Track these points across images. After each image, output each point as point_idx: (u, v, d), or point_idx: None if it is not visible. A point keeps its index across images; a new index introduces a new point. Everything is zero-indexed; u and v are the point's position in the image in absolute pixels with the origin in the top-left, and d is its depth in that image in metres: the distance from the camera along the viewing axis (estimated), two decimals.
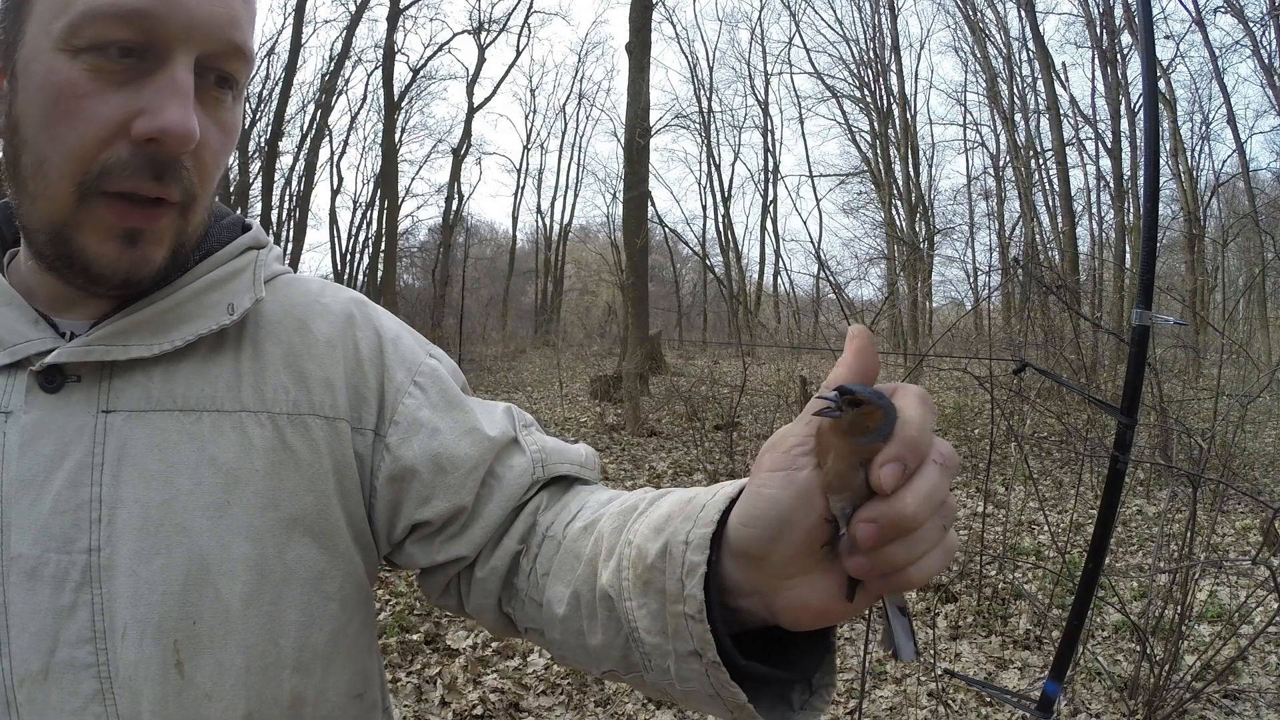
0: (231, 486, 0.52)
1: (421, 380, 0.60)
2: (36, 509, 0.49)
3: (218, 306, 0.55)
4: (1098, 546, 1.16)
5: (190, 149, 0.49)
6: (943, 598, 3.58)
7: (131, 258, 0.50)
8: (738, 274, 26.26)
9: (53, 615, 0.48)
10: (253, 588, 0.52)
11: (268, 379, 0.56)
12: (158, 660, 0.49)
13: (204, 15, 0.48)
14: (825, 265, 9.09)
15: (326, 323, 0.60)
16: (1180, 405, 5.32)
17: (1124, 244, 13.56)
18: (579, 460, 0.61)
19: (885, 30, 21.57)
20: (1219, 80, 14.25)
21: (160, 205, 0.50)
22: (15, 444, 0.50)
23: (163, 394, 0.53)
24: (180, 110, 0.47)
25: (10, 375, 0.52)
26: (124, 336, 0.52)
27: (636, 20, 11.76)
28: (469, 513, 0.57)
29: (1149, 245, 1.12)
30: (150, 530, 0.50)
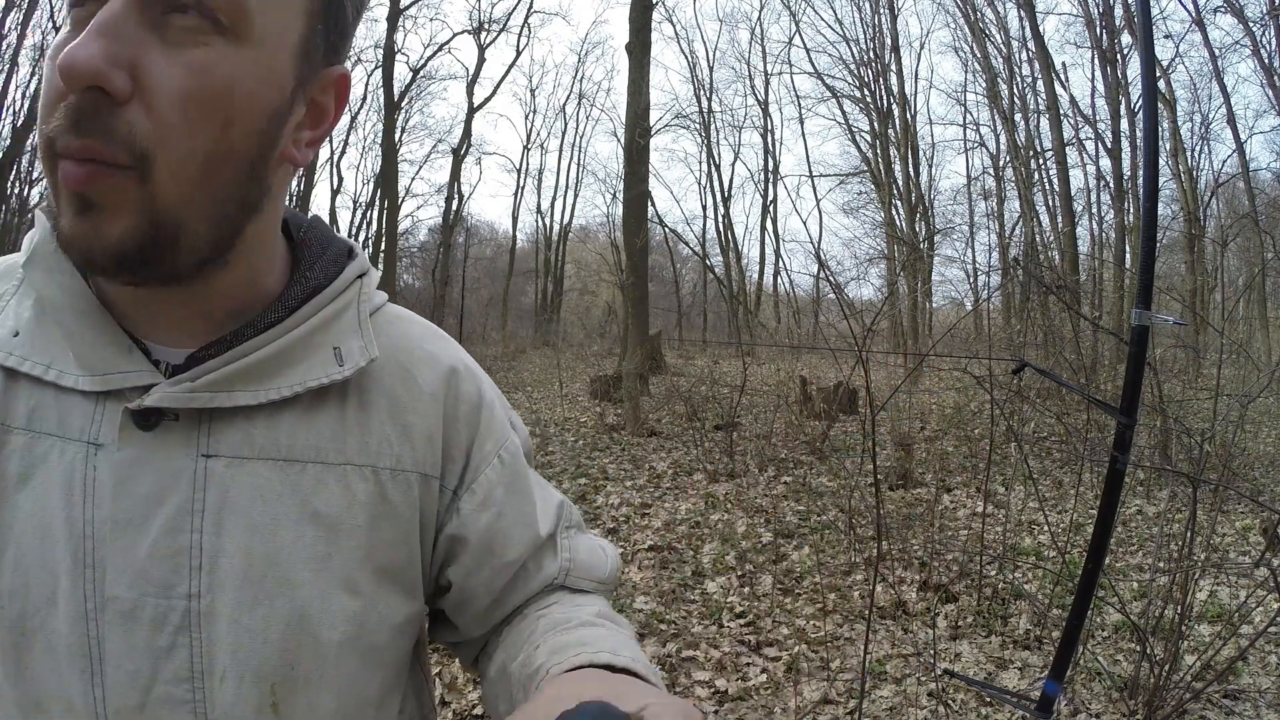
0: (333, 539, 0.52)
1: (505, 455, 0.61)
2: (133, 552, 0.48)
3: (324, 350, 0.53)
4: (1097, 546, 1.16)
5: (78, 79, 0.40)
6: (943, 598, 3.58)
7: (84, 230, 0.43)
8: (738, 274, 26.26)
9: (150, 655, 0.48)
10: (349, 636, 0.52)
11: (373, 431, 0.55)
12: (254, 701, 0.50)
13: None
14: (825, 265, 9.09)
15: (432, 373, 0.58)
16: (1180, 405, 5.32)
17: (1124, 244, 13.57)
18: (598, 578, 0.64)
19: (885, 30, 21.58)
20: (1219, 80, 14.26)
21: (100, 166, 0.42)
22: (108, 480, 0.48)
23: (266, 442, 0.51)
24: (80, 44, 0.40)
25: (98, 404, 0.49)
26: (228, 384, 0.49)
27: (636, 20, 11.76)
28: (496, 599, 0.61)
29: (1148, 245, 1.12)
30: (253, 581, 0.50)
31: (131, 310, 0.50)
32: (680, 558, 4.26)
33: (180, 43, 0.43)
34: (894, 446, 6.22)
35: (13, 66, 16.58)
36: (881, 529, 2.68)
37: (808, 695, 2.74)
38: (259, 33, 0.45)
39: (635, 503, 5.40)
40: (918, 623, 3.36)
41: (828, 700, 2.70)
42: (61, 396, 0.49)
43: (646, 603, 3.57)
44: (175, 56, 0.43)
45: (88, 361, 0.48)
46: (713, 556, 4.25)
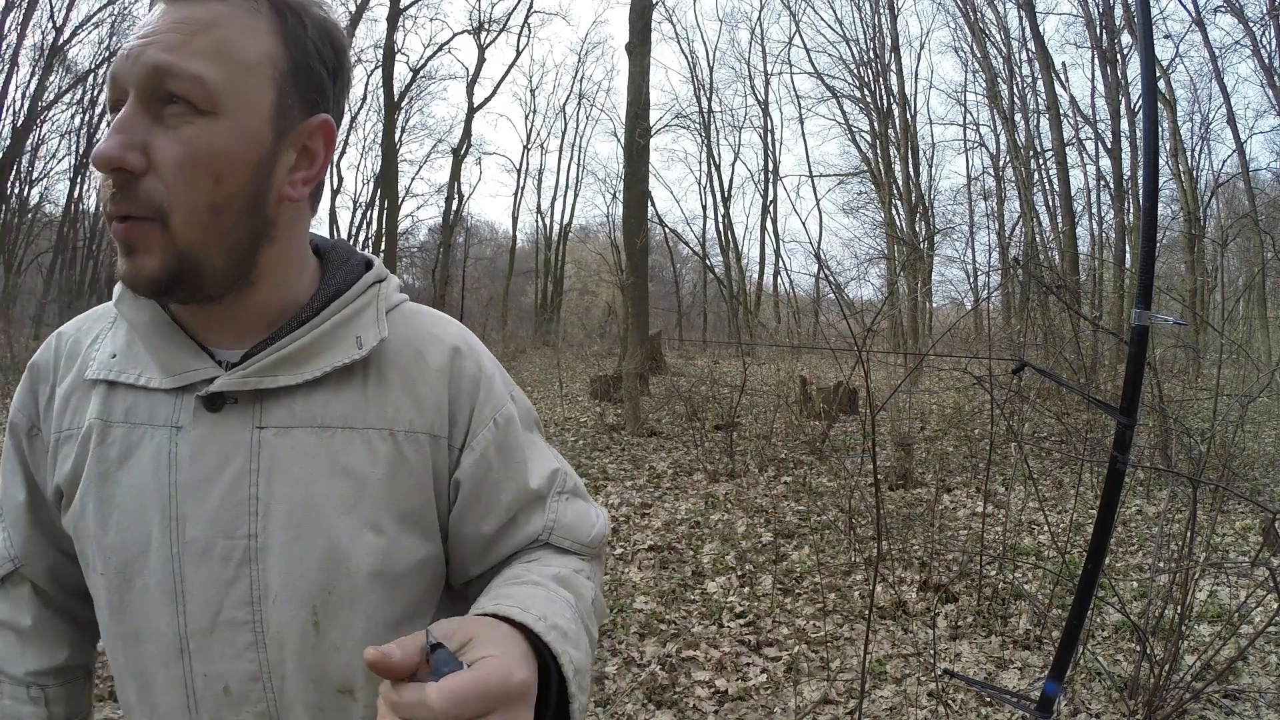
0: (359, 488, 0.64)
1: (499, 420, 0.72)
2: (206, 504, 0.62)
3: (347, 340, 0.66)
4: (1097, 546, 1.16)
5: (106, 166, 0.57)
6: (943, 598, 3.58)
7: (130, 269, 0.60)
8: (738, 274, 26.26)
9: (219, 585, 0.62)
10: (375, 568, 0.64)
11: (389, 401, 0.67)
12: (300, 620, 0.63)
13: (135, 57, 0.58)
14: (825, 265, 9.09)
15: (438, 353, 0.71)
16: (1180, 405, 5.32)
17: (1124, 244, 13.56)
18: (580, 540, 0.73)
19: (885, 30, 21.57)
20: (1219, 80, 14.26)
21: (137, 221, 0.58)
22: (187, 453, 0.63)
23: (304, 414, 0.65)
24: (103, 141, 0.57)
25: (179, 397, 0.64)
26: (273, 369, 0.63)
27: (636, 20, 11.75)
28: (486, 544, 0.71)
29: (1148, 245, 1.12)
30: (296, 522, 0.63)
31: (196, 326, 0.66)
32: (680, 558, 4.26)
33: (174, 125, 0.58)
34: (894, 446, 6.21)
35: (13, 66, 16.55)
36: (881, 529, 2.68)
37: (808, 695, 2.74)
38: (230, 108, 0.59)
39: (635, 503, 5.40)
40: (918, 623, 3.36)
41: (828, 700, 2.70)
42: (150, 395, 0.65)
43: (646, 603, 3.57)
44: (172, 136, 0.58)
45: (167, 366, 0.64)
46: (713, 556, 4.25)
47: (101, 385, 0.67)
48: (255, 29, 0.61)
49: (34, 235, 23.92)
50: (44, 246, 24.48)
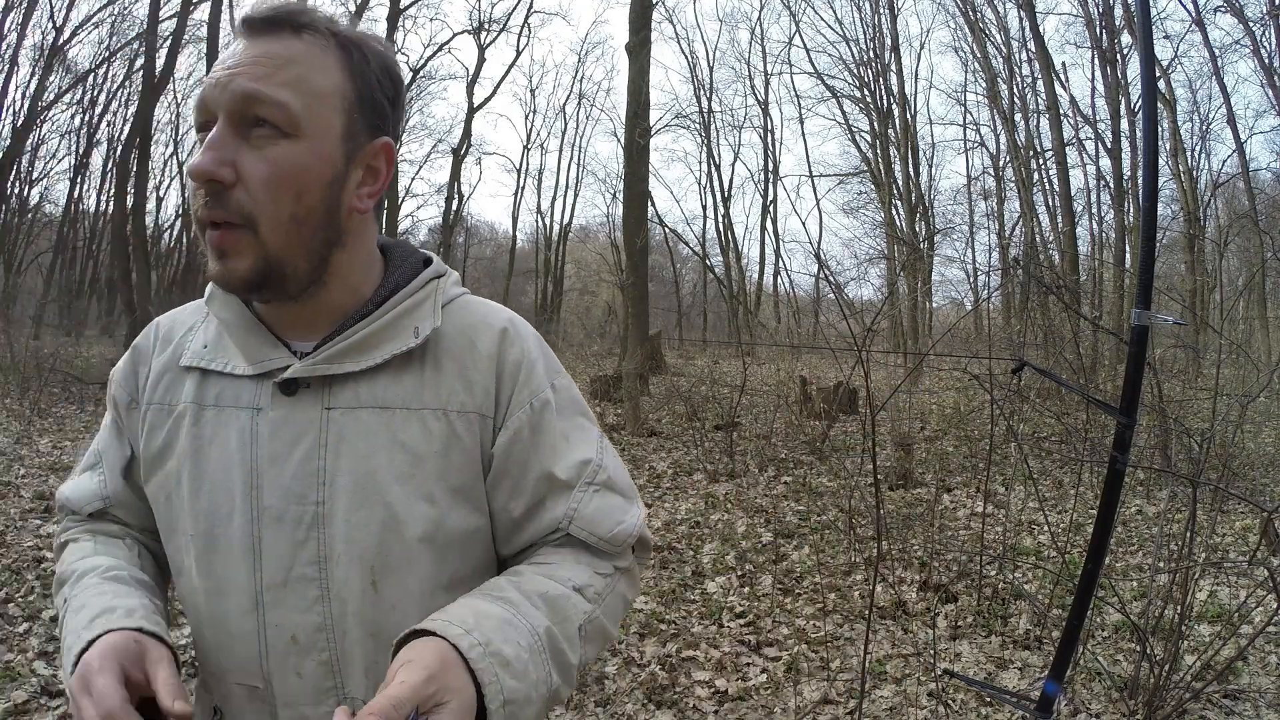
0: (415, 462, 0.72)
1: (535, 404, 0.77)
2: (281, 475, 0.71)
3: (406, 330, 0.74)
4: (1097, 547, 1.16)
5: (201, 178, 0.65)
6: (943, 598, 3.58)
7: (222, 270, 0.68)
8: (738, 274, 26.25)
9: (291, 546, 0.71)
10: (427, 534, 0.72)
11: (444, 385, 0.75)
12: (360, 579, 0.70)
13: (224, 85, 0.66)
14: (825, 265, 9.09)
15: (487, 339, 0.78)
16: (1180, 405, 5.32)
17: (1124, 244, 13.56)
18: (599, 534, 0.76)
19: (885, 30, 21.57)
20: (1219, 80, 14.26)
21: (229, 228, 0.67)
22: (266, 431, 0.72)
23: (367, 396, 0.73)
24: (199, 156, 0.66)
25: (259, 383, 0.73)
26: (340, 357, 0.72)
27: (636, 20, 11.75)
28: (513, 525, 0.77)
29: (1148, 245, 1.12)
30: (358, 491, 0.71)
31: (275, 321, 0.76)
32: (680, 558, 4.26)
33: (260, 146, 0.67)
34: (894, 446, 6.21)
35: (12, 66, 16.54)
36: (881, 529, 2.68)
37: (808, 695, 2.73)
38: (309, 132, 0.68)
39: None
40: (918, 623, 3.36)
41: (828, 700, 2.70)
42: (236, 381, 0.74)
43: (646, 603, 3.57)
44: (259, 155, 0.67)
45: (250, 356, 0.74)
46: (713, 556, 4.25)
47: (195, 372, 0.77)
48: (326, 64, 0.70)
49: (34, 235, 23.90)
50: (44, 246, 24.46)
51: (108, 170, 23.35)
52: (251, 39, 0.69)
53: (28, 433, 7.01)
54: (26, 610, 3.16)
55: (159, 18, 12.56)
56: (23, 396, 8.57)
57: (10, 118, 17.63)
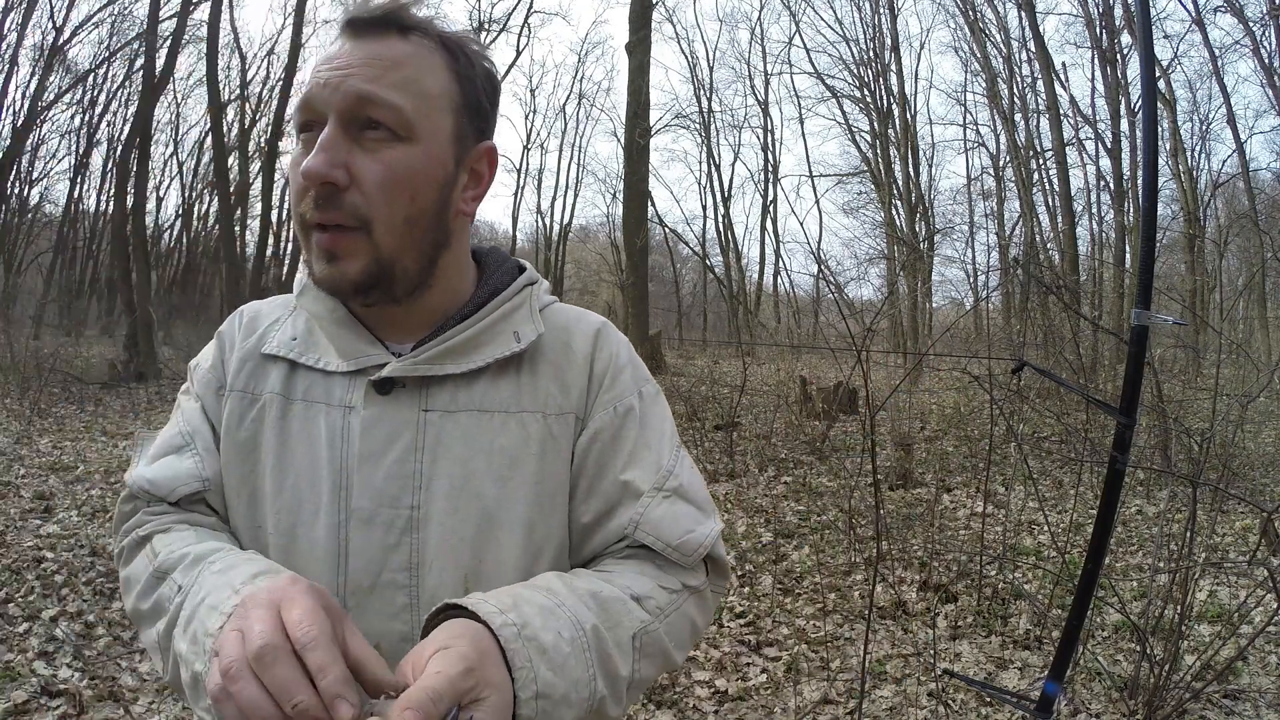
0: (513, 465, 0.71)
1: (618, 408, 0.77)
2: (374, 477, 0.68)
3: (505, 334, 0.74)
4: (1097, 547, 1.16)
5: (317, 180, 0.64)
6: (943, 598, 3.58)
7: (332, 273, 0.67)
8: (738, 274, 26.24)
9: (381, 550, 0.68)
10: (522, 539, 0.70)
11: (540, 388, 0.74)
12: (452, 586, 0.68)
13: (335, 86, 0.66)
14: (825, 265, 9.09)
15: (581, 342, 0.78)
16: (1180, 405, 5.32)
17: (1124, 244, 13.56)
18: (665, 539, 0.72)
19: (885, 30, 21.56)
20: (1219, 80, 14.25)
21: (343, 230, 0.66)
22: (358, 430, 0.69)
23: (465, 399, 0.72)
24: (313, 158, 0.64)
25: (352, 380, 0.72)
26: (440, 359, 0.71)
27: (636, 20, 11.75)
28: (582, 527, 0.74)
29: (1148, 245, 1.12)
30: (456, 495, 0.69)
31: (372, 321, 0.75)
32: None
33: (374, 149, 0.66)
34: (894, 446, 6.21)
35: (12, 67, 16.53)
36: (881, 529, 2.68)
37: (808, 695, 2.73)
38: (422, 134, 0.68)
39: None
40: (918, 623, 3.36)
41: (828, 700, 2.70)
42: (327, 378, 0.73)
43: None
44: (372, 157, 0.66)
45: (345, 352, 0.72)
46: None
47: (283, 363, 0.75)
48: (435, 67, 0.69)
49: (34, 235, 23.90)
50: (44, 246, 24.45)
51: (108, 170, 23.37)
52: (356, 39, 0.68)
53: (28, 433, 7.01)
54: (26, 610, 3.16)
55: (159, 18, 12.56)
56: (23, 396, 8.57)
57: (10, 118, 17.63)
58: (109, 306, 22.46)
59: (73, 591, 3.37)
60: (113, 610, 3.23)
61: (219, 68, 12.86)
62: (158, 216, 26.12)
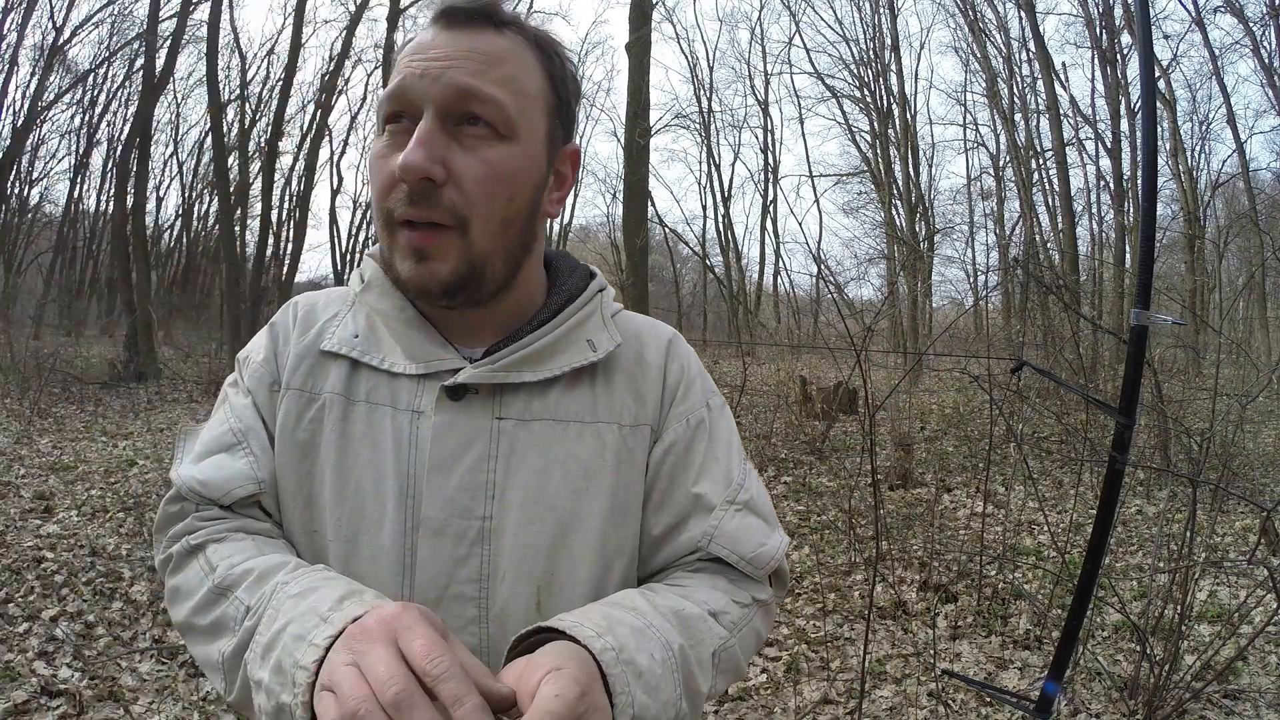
0: (588, 476, 0.69)
1: (690, 420, 0.76)
2: (445, 486, 0.66)
3: (579, 343, 0.72)
4: (1096, 547, 1.16)
5: (415, 175, 0.62)
6: (943, 598, 3.58)
7: (422, 273, 0.65)
8: (738, 274, 26.24)
9: (451, 561, 0.65)
10: (595, 552, 0.68)
11: (615, 398, 0.73)
12: (524, 598, 0.66)
13: (434, 78, 0.63)
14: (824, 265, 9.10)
15: (655, 352, 0.78)
16: (1180, 405, 5.32)
17: (1124, 244, 13.56)
18: (740, 553, 0.71)
19: (885, 30, 21.56)
20: (1219, 80, 14.26)
21: (436, 228, 0.64)
22: (428, 436, 0.67)
23: (540, 408, 0.69)
24: (411, 151, 0.62)
25: (420, 384, 0.69)
26: (517, 366, 0.68)
27: (636, 20, 11.74)
28: (652, 540, 0.73)
29: (1147, 245, 1.12)
30: (530, 506, 0.67)
31: (443, 323, 0.72)
32: None
33: (474, 146, 0.64)
34: (894, 446, 6.21)
35: (12, 66, 16.53)
36: (881, 529, 2.68)
37: (808, 695, 2.73)
38: (522, 133, 0.66)
39: None
40: (918, 623, 3.36)
41: (828, 700, 2.70)
42: (393, 380, 0.70)
43: None
44: (472, 154, 0.64)
45: (414, 354, 0.69)
46: None
47: (344, 361, 0.71)
48: (530, 66, 0.68)
49: (34, 235, 23.90)
50: (44, 246, 24.46)
51: (108, 170, 23.37)
52: (451, 30, 0.66)
53: (28, 433, 7.02)
54: (26, 610, 3.16)
55: (159, 18, 12.56)
56: (23, 396, 8.57)
57: (10, 118, 17.63)
58: (109, 306, 22.46)
59: (73, 591, 3.37)
60: (113, 610, 3.23)
61: (219, 68, 12.87)
62: (158, 216, 26.16)
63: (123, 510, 4.59)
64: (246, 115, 21.96)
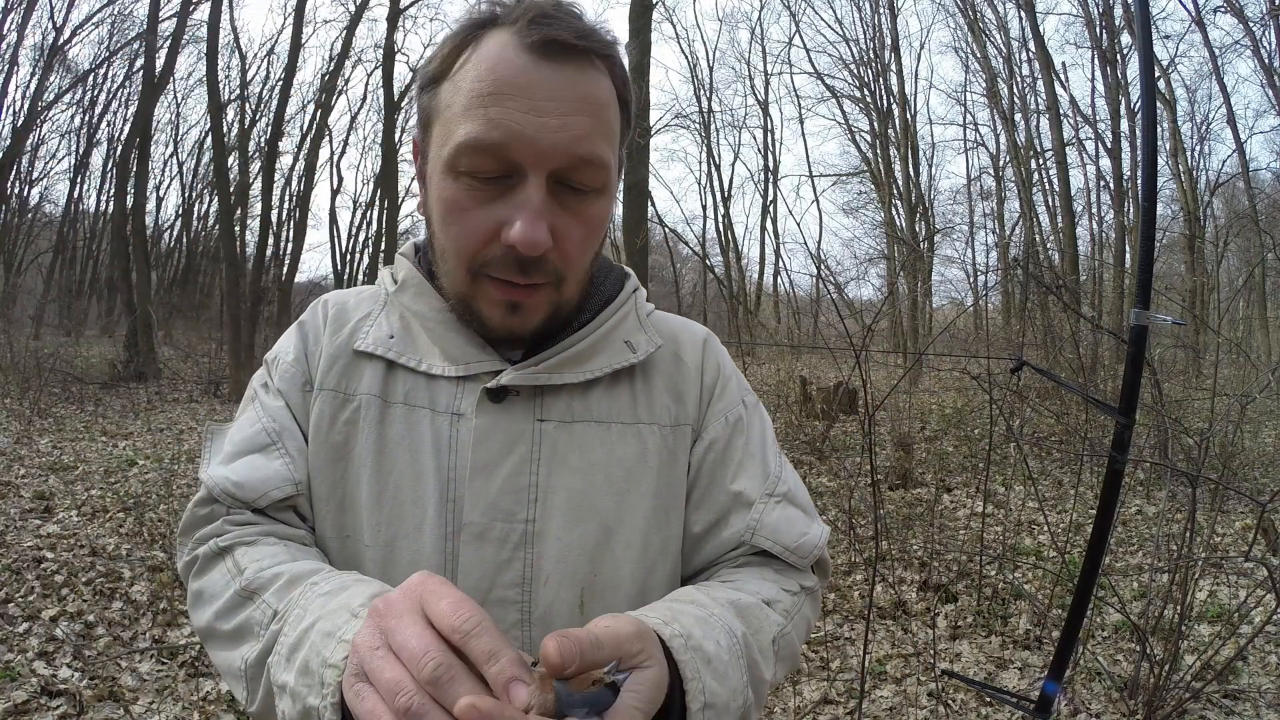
0: (631, 478, 0.69)
1: (729, 417, 0.76)
2: (487, 489, 0.65)
3: (617, 344, 0.72)
4: (1096, 547, 1.16)
5: (538, 253, 0.60)
6: (943, 598, 3.58)
7: (513, 322, 0.66)
8: (738, 274, 26.24)
9: (493, 566, 0.64)
10: (638, 552, 0.68)
11: (656, 399, 0.73)
12: (567, 602, 0.65)
13: (548, 143, 0.59)
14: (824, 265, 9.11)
15: (691, 353, 0.78)
16: (1180, 405, 5.32)
17: (1124, 244, 13.56)
18: (784, 544, 0.71)
19: (885, 30, 21.57)
20: (1219, 80, 14.26)
21: (535, 286, 0.64)
22: (468, 439, 0.66)
23: (581, 409, 0.69)
24: (529, 226, 0.60)
25: (461, 385, 0.68)
26: (558, 368, 0.68)
27: (636, 20, 11.74)
28: (694, 537, 0.73)
29: (1146, 245, 1.12)
30: (573, 509, 0.66)
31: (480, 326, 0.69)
32: None
33: (575, 203, 0.63)
34: (894, 446, 6.21)
35: (12, 66, 16.53)
36: (881, 529, 2.68)
37: (808, 695, 2.73)
38: (612, 184, 0.66)
39: None
40: (918, 623, 3.36)
41: (828, 700, 2.70)
42: (431, 382, 0.69)
43: None
44: (573, 213, 0.63)
45: (453, 356, 0.68)
46: None
47: (379, 362, 0.70)
48: (610, 96, 0.64)
49: (34, 235, 23.91)
50: (44, 246, 24.46)
51: (108, 170, 23.38)
52: (554, 64, 0.59)
53: (28, 433, 7.02)
54: (26, 610, 3.16)
55: (159, 18, 12.56)
56: (23, 396, 8.57)
57: (10, 118, 17.62)
58: (109, 306, 22.46)
59: (73, 591, 3.37)
60: (113, 610, 3.24)
61: (219, 68, 12.86)
62: (158, 216, 26.18)
63: (123, 510, 4.59)
64: (246, 115, 21.97)
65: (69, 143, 24.00)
